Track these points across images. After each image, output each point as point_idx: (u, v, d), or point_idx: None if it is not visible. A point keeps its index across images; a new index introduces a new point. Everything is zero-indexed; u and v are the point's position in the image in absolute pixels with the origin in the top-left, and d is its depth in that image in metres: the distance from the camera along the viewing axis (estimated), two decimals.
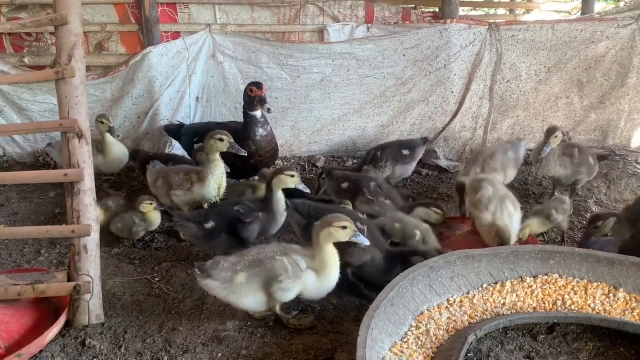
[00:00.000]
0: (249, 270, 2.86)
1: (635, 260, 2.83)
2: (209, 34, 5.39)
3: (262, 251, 2.94)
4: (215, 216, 3.56)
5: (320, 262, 2.86)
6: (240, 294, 2.85)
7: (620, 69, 5.55)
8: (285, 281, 2.81)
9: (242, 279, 2.84)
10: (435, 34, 5.32)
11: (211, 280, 2.85)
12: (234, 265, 2.87)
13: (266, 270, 2.84)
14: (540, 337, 2.68)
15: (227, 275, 2.84)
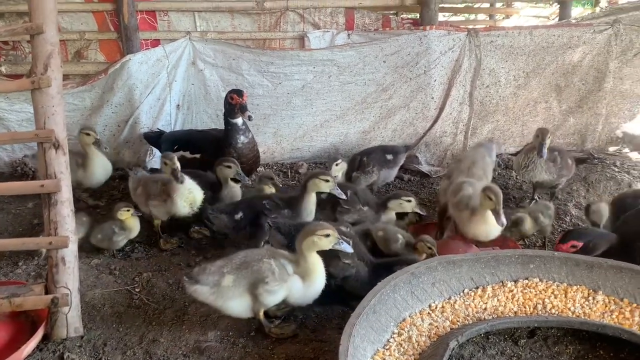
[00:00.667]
0: (236, 272, 2.85)
1: (613, 263, 2.86)
2: (189, 41, 5.36)
3: (250, 254, 2.94)
4: (244, 208, 3.71)
5: (305, 269, 2.88)
6: (227, 297, 2.84)
7: (597, 73, 5.62)
8: (271, 283, 2.81)
9: (229, 282, 2.83)
10: (415, 40, 5.35)
11: (200, 285, 2.84)
12: (221, 269, 2.87)
13: (253, 273, 2.84)
14: (521, 341, 2.70)
15: (215, 279, 2.84)
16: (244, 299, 2.86)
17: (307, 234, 2.85)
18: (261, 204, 3.68)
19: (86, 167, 4.48)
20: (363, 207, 3.89)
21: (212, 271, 2.86)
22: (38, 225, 4.38)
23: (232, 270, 2.86)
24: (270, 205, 3.66)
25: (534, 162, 4.20)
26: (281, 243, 3.31)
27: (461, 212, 3.61)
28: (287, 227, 3.34)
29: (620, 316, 2.71)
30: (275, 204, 3.68)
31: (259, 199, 3.76)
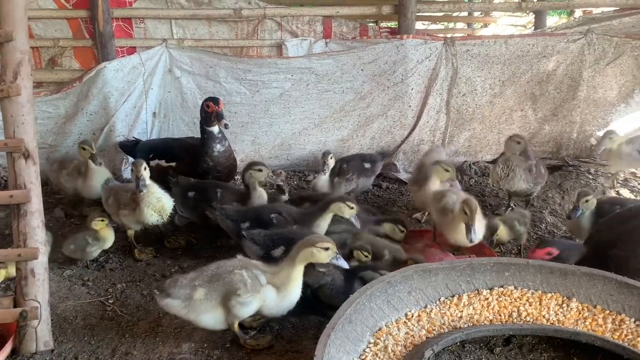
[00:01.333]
0: (207, 285, 2.80)
1: (587, 270, 2.88)
2: (166, 49, 5.33)
3: (222, 266, 2.89)
4: (251, 218, 3.61)
5: (284, 278, 2.84)
6: (199, 311, 2.79)
7: (571, 82, 5.71)
8: (243, 295, 2.76)
9: (201, 295, 2.78)
10: (392, 49, 5.38)
11: (171, 299, 2.79)
12: (193, 282, 2.82)
13: (225, 285, 2.79)
14: (497, 349, 2.71)
15: (187, 293, 2.78)
16: (217, 312, 2.82)
17: (307, 244, 2.82)
18: (269, 217, 3.60)
19: (86, 176, 4.45)
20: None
21: (184, 284, 2.81)
22: (10, 235, 4.28)
23: (204, 283, 2.81)
24: (277, 221, 3.58)
25: (513, 171, 4.24)
26: (256, 254, 3.28)
27: (445, 216, 3.65)
28: (262, 238, 3.31)
29: (593, 323, 2.73)
30: (285, 219, 3.61)
31: (268, 211, 3.68)
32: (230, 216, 3.66)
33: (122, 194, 3.91)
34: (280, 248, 3.22)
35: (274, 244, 3.28)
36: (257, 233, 3.35)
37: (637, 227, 3.08)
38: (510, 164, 4.24)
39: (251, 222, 3.59)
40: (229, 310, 2.80)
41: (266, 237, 3.30)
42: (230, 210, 3.71)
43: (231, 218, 3.65)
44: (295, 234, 3.31)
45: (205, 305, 2.78)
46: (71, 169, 4.57)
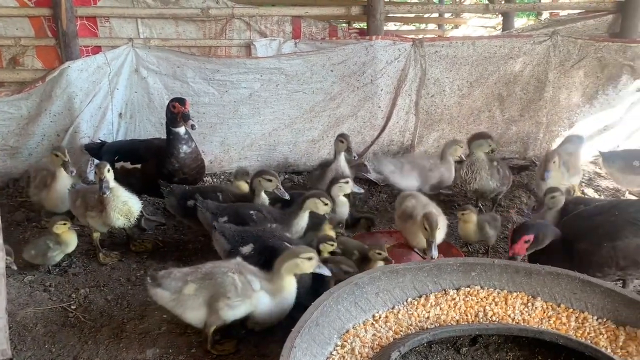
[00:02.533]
0: (199, 282, 2.80)
1: (551, 269, 2.92)
2: (132, 48, 5.23)
3: (217, 266, 2.88)
4: (230, 214, 3.58)
5: (277, 287, 2.86)
6: (186, 306, 2.78)
7: (538, 83, 5.80)
8: (233, 298, 2.75)
9: (191, 291, 2.77)
10: (361, 50, 5.38)
11: (161, 289, 2.79)
12: (186, 276, 2.82)
13: (216, 285, 2.78)
14: (463, 349, 2.72)
15: (177, 285, 2.78)
16: (202, 311, 2.80)
17: (291, 256, 2.85)
18: (248, 214, 3.58)
19: (51, 188, 4.24)
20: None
21: (177, 277, 2.82)
22: None
23: (196, 280, 2.81)
24: (257, 217, 3.56)
25: (479, 173, 4.27)
26: (224, 248, 3.24)
27: (405, 222, 3.65)
28: (231, 233, 3.26)
29: (557, 321, 2.76)
30: (264, 217, 3.58)
31: (248, 208, 3.65)
32: (210, 209, 3.62)
33: (90, 196, 3.84)
34: (249, 245, 3.19)
35: (242, 241, 3.24)
36: (227, 227, 3.32)
37: (601, 223, 3.14)
38: (475, 167, 4.28)
39: (229, 217, 3.57)
40: (214, 311, 2.78)
41: (236, 233, 3.26)
42: (211, 204, 3.67)
43: (211, 211, 3.61)
44: (266, 233, 3.29)
45: (192, 302, 2.78)
46: (38, 181, 4.38)
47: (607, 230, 3.08)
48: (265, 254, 3.07)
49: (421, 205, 3.66)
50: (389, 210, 4.86)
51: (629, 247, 3.02)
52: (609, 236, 3.06)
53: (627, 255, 3.02)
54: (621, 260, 3.03)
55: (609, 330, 2.67)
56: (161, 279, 2.81)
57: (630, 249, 3.01)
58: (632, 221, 3.06)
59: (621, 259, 3.03)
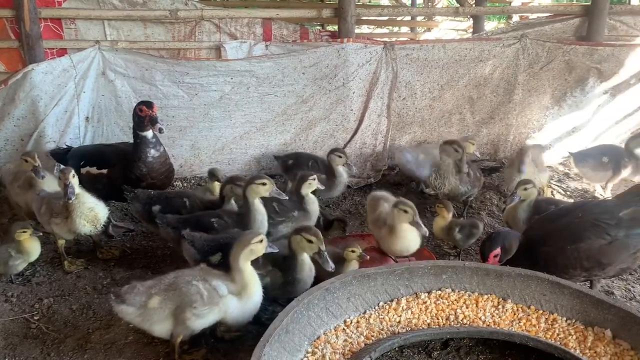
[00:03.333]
0: (163, 294, 2.71)
1: (521, 271, 2.92)
2: (98, 50, 5.11)
3: (181, 275, 2.80)
4: (192, 224, 3.47)
5: (241, 284, 2.80)
6: (153, 320, 2.69)
7: (507, 85, 5.86)
8: (199, 308, 2.68)
9: (155, 304, 2.69)
10: (333, 52, 5.36)
11: (126, 306, 2.69)
12: (150, 289, 2.73)
13: (181, 295, 2.70)
14: (434, 353, 2.70)
15: (142, 300, 2.69)
16: (169, 323, 2.73)
17: (242, 245, 2.81)
18: (210, 222, 3.51)
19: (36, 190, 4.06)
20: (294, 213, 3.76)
21: (140, 291, 2.72)
22: None
23: (160, 292, 2.72)
24: (218, 225, 3.50)
25: (447, 179, 4.29)
26: (194, 257, 3.18)
27: (380, 229, 3.63)
28: (201, 242, 3.20)
29: (527, 323, 2.77)
30: (225, 223, 3.52)
31: (209, 216, 3.58)
32: (171, 224, 3.52)
33: (54, 203, 3.73)
34: (218, 254, 3.13)
35: (211, 250, 3.19)
36: (197, 236, 3.25)
37: (566, 225, 3.16)
38: (442, 171, 4.29)
39: (192, 229, 3.46)
40: (181, 322, 2.70)
41: (205, 242, 3.20)
42: (171, 218, 3.57)
43: (172, 225, 3.51)
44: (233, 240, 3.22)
45: (158, 315, 2.70)
46: (22, 181, 4.20)
47: (570, 232, 3.10)
48: None
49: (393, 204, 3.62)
50: (362, 213, 4.84)
51: (592, 248, 3.03)
52: (572, 238, 3.07)
53: (591, 257, 3.04)
54: (585, 262, 3.05)
55: (578, 330, 2.69)
56: (125, 294, 2.70)
57: (593, 250, 3.03)
58: (595, 222, 3.07)
59: (585, 260, 3.05)
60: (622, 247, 3.05)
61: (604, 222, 3.06)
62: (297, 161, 4.95)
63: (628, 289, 3.56)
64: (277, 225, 3.76)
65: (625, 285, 3.60)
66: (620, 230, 3.04)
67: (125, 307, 2.69)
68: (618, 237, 3.03)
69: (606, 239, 3.03)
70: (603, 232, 3.04)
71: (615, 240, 3.04)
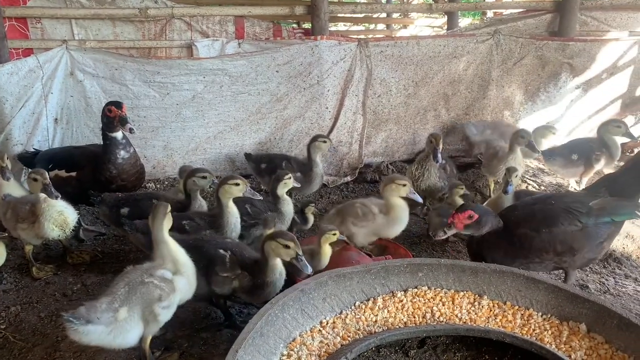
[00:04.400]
0: (127, 303, 2.60)
1: (496, 267, 2.91)
2: (66, 50, 4.98)
3: (129, 279, 2.69)
4: None
5: (170, 258, 2.77)
6: (125, 330, 2.59)
7: (481, 81, 5.88)
8: (166, 300, 2.64)
9: (125, 314, 2.58)
10: (306, 50, 5.31)
11: (92, 325, 2.51)
12: (112, 304, 2.59)
13: (143, 296, 2.63)
14: (411, 352, 2.68)
15: (109, 316, 2.55)
16: (140, 325, 2.64)
17: (160, 216, 2.77)
18: (181, 224, 3.41)
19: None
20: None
21: (103, 308, 2.57)
22: None
23: (124, 302, 2.61)
24: (190, 227, 3.42)
25: (428, 171, 4.27)
26: (142, 242, 3.11)
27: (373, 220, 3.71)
28: (146, 227, 3.09)
29: (503, 319, 2.76)
30: (197, 225, 3.44)
31: (180, 219, 3.47)
32: (140, 229, 3.40)
33: (20, 207, 3.62)
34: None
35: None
36: (141, 223, 3.17)
37: (540, 210, 3.21)
38: (425, 163, 4.28)
39: None
40: (152, 320, 2.64)
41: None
42: (140, 224, 3.46)
43: (141, 231, 3.39)
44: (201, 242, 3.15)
45: (130, 324, 2.60)
46: None
47: (544, 216, 3.16)
48: (202, 263, 2.95)
49: None
50: None
51: (565, 233, 3.10)
52: (546, 222, 3.13)
53: (564, 241, 3.11)
54: (558, 246, 3.11)
55: (553, 325, 2.69)
56: (87, 314, 2.53)
57: (567, 235, 3.10)
58: (567, 209, 3.14)
59: (558, 244, 3.11)
60: (591, 235, 3.12)
61: (576, 209, 3.13)
62: (270, 164, 4.81)
63: (602, 282, 3.59)
64: (250, 228, 3.70)
65: (600, 279, 3.62)
66: (590, 218, 3.11)
67: (93, 327, 2.52)
68: (588, 224, 3.11)
69: (577, 226, 3.11)
70: (575, 219, 3.11)
71: (585, 227, 3.11)
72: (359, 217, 3.71)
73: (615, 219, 3.15)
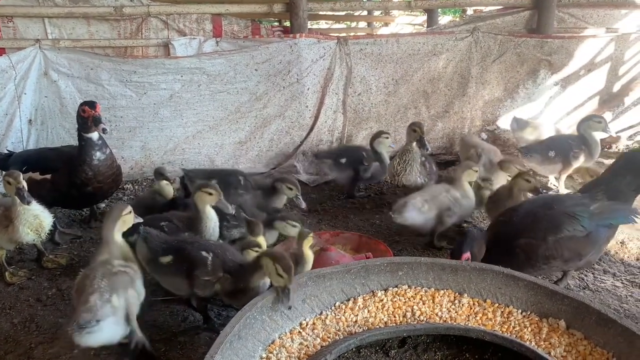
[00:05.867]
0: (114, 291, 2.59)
1: (476, 265, 2.91)
2: (39, 50, 4.87)
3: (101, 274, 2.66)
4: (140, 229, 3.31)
5: (120, 256, 2.84)
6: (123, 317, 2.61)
7: (461, 79, 5.89)
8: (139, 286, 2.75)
9: (117, 301, 2.58)
10: (285, 48, 5.27)
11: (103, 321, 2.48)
12: (102, 297, 2.54)
13: (121, 282, 2.65)
14: (392, 352, 2.66)
15: (109, 307, 2.53)
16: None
17: (115, 218, 2.88)
18: (159, 226, 3.34)
19: None
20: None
21: (100, 304, 2.52)
22: None
23: (111, 291, 2.59)
24: (168, 228, 3.34)
25: (410, 165, 4.25)
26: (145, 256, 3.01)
27: None
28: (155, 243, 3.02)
29: (484, 317, 2.75)
30: (176, 227, 3.37)
31: (158, 220, 3.42)
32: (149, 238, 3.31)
33: None
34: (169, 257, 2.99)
35: (163, 252, 3.04)
36: (155, 234, 3.07)
37: (544, 216, 3.17)
38: (407, 157, 4.26)
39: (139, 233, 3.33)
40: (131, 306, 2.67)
41: (159, 243, 3.02)
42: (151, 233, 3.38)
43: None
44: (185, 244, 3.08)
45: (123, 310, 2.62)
46: None
47: (549, 223, 3.12)
48: (184, 264, 2.89)
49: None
50: (318, 210, 4.78)
51: (572, 239, 3.08)
52: (552, 230, 3.09)
53: (572, 248, 3.09)
54: (566, 252, 3.09)
55: (533, 322, 2.68)
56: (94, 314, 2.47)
57: (574, 242, 3.08)
58: (570, 214, 3.11)
59: (566, 251, 3.09)
60: (595, 240, 3.12)
61: (579, 214, 3.11)
62: (350, 157, 4.79)
63: (581, 278, 3.61)
64: (231, 229, 3.65)
65: (579, 275, 3.64)
66: (592, 222, 3.10)
67: (105, 323, 2.49)
68: (590, 229, 3.09)
69: (581, 232, 3.09)
70: (578, 225, 3.09)
71: (589, 233, 3.09)
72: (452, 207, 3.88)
73: (613, 222, 3.18)
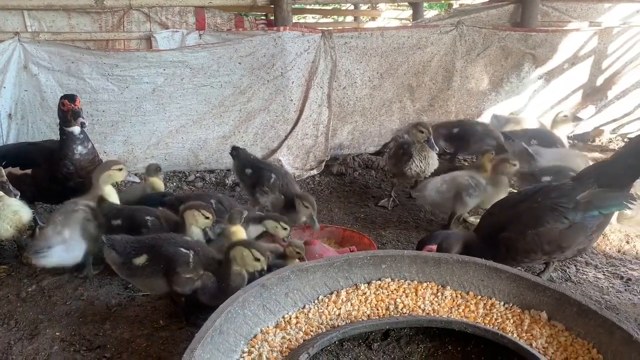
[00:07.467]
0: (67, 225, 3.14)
1: (459, 258, 2.91)
2: (19, 43, 4.79)
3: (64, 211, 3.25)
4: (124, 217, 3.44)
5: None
6: (73, 247, 3.16)
7: (446, 72, 5.89)
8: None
9: (68, 234, 3.13)
10: (269, 41, 5.23)
11: (53, 248, 3.09)
12: (55, 229, 3.12)
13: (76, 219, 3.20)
14: (375, 345, 2.65)
15: (59, 238, 3.11)
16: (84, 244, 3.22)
17: (102, 169, 3.47)
18: (144, 219, 3.34)
19: None
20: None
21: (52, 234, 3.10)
22: None
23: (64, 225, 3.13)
24: (153, 225, 3.33)
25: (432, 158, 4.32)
26: (115, 261, 2.95)
27: None
28: (122, 244, 2.95)
29: (466, 309, 2.75)
30: (160, 224, 3.35)
31: (145, 213, 3.41)
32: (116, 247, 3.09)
33: None
34: (143, 256, 2.95)
35: (135, 252, 2.98)
36: (118, 239, 2.99)
37: (525, 210, 3.18)
38: (424, 154, 4.28)
39: (123, 221, 3.37)
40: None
41: (127, 243, 2.97)
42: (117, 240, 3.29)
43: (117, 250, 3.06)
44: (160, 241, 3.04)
45: (75, 241, 3.15)
46: None
47: (530, 217, 3.12)
48: (161, 263, 2.86)
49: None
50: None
51: (552, 232, 3.07)
52: (532, 223, 3.10)
53: (551, 241, 3.08)
54: (546, 246, 3.09)
55: (515, 314, 2.69)
56: (46, 241, 3.10)
57: (554, 235, 3.07)
58: (553, 206, 3.10)
59: (546, 245, 3.09)
60: (580, 230, 3.09)
61: (562, 206, 3.09)
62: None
63: (564, 269, 3.63)
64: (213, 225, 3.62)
65: (561, 266, 3.66)
66: (577, 213, 3.07)
67: (55, 249, 3.09)
68: (575, 220, 3.07)
69: (565, 223, 3.07)
70: (561, 217, 3.07)
71: (573, 223, 3.07)
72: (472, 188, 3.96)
73: (603, 211, 3.10)
